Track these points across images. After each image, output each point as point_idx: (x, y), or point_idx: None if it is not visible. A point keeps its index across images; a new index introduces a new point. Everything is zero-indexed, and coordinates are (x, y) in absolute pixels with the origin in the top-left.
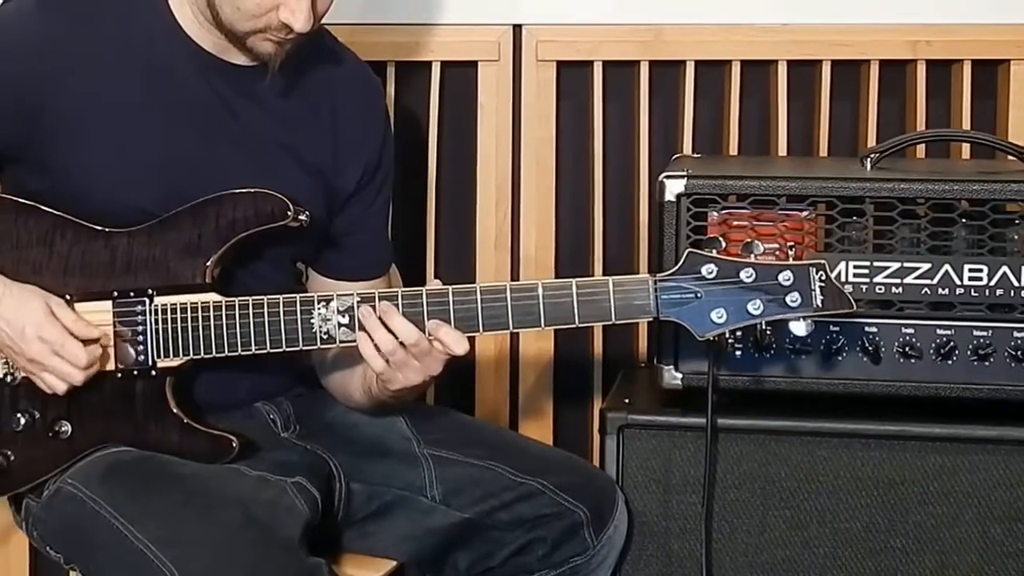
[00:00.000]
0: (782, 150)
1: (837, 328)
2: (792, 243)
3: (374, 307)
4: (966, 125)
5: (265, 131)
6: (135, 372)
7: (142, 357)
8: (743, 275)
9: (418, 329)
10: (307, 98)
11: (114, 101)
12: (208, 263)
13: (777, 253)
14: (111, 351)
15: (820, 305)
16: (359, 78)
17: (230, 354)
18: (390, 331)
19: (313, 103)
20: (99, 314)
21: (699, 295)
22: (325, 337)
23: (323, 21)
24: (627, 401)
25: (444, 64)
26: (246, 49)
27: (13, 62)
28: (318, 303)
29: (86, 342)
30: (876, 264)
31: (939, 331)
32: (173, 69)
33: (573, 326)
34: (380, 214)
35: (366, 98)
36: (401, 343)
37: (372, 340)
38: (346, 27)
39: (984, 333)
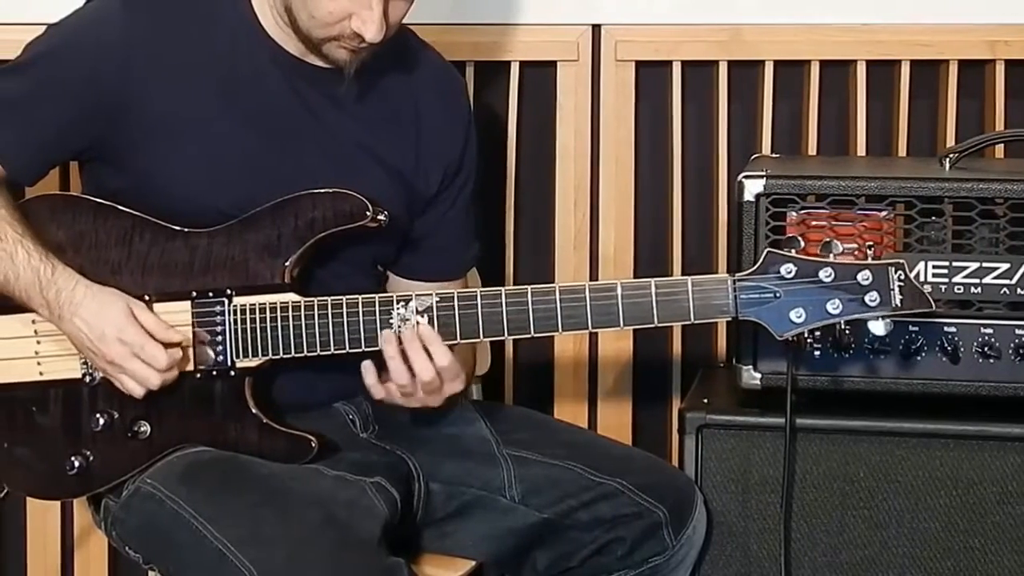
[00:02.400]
0: (861, 150)
1: (916, 328)
2: (871, 243)
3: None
4: None
5: (346, 132)
6: (214, 372)
7: (221, 357)
8: (822, 274)
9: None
10: (389, 99)
11: (196, 102)
12: (287, 263)
13: (856, 253)
14: (190, 352)
15: (899, 304)
16: (442, 79)
17: (308, 354)
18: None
19: (395, 104)
20: (178, 314)
21: (778, 295)
22: None
23: (404, 20)
24: (706, 401)
25: (523, 64)
26: (322, 55)
27: (96, 62)
28: (397, 303)
29: (166, 345)
30: (955, 264)
31: (1018, 331)
32: (255, 70)
33: (652, 326)
34: (461, 215)
35: (449, 99)
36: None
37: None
38: (425, 27)
39: None
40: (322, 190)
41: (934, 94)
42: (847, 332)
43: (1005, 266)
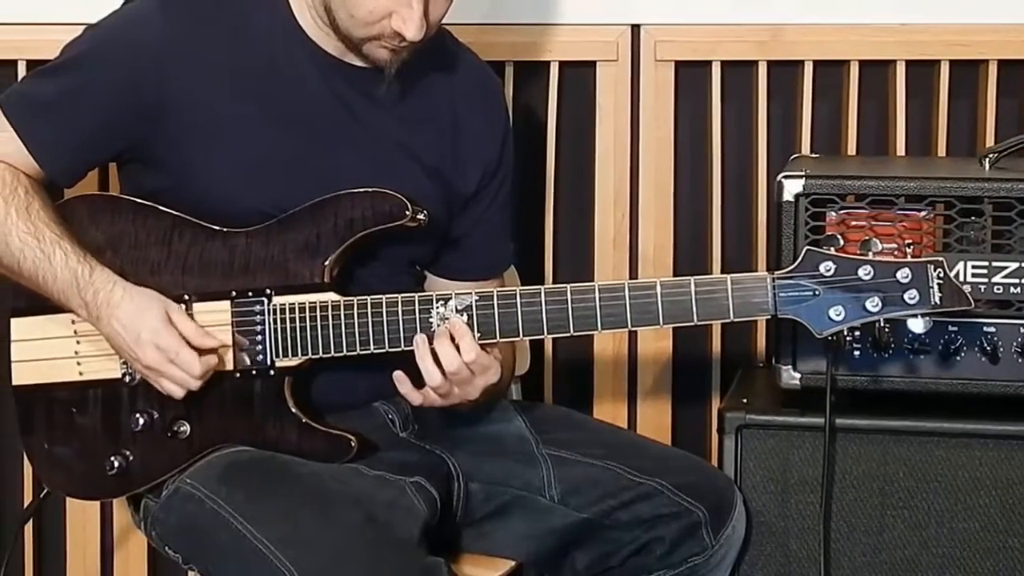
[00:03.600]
0: (900, 150)
1: (955, 328)
2: (910, 242)
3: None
4: None
5: (385, 132)
6: (254, 372)
7: (260, 357)
8: (861, 272)
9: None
10: (427, 99)
11: (234, 102)
12: (326, 262)
13: (895, 253)
14: (229, 352)
15: (938, 302)
16: (479, 79)
17: (348, 353)
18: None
19: (433, 105)
20: (217, 314)
21: (817, 292)
22: None
23: (444, 21)
24: (745, 401)
25: (562, 64)
26: (362, 55)
27: (136, 62)
28: (436, 302)
29: (202, 351)
30: (995, 264)
31: None
32: (294, 70)
33: (691, 324)
34: (499, 214)
35: (486, 99)
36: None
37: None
38: (465, 27)
39: None
40: (361, 189)
41: (973, 94)
42: (886, 331)
43: None
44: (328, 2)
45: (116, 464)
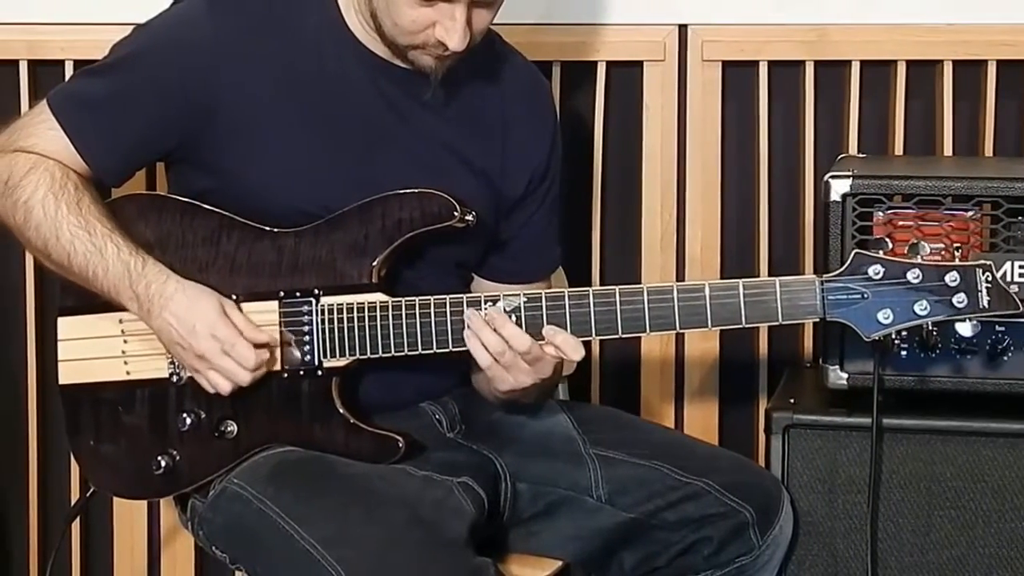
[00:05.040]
0: (947, 150)
1: (1003, 328)
2: (958, 243)
3: (479, 310)
4: None
5: (433, 134)
6: (301, 372)
7: (308, 357)
8: (910, 276)
9: (530, 337)
10: (476, 102)
11: (282, 102)
12: (374, 263)
13: (943, 253)
14: (277, 351)
15: (987, 306)
16: (528, 82)
17: (396, 354)
18: (500, 335)
19: (481, 107)
20: (265, 314)
21: (865, 295)
22: None
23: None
24: (792, 401)
25: (610, 64)
26: (408, 61)
27: (184, 62)
28: (484, 303)
29: (255, 345)
30: None
31: None
32: (342, 72)
33: (740, 327)
34: (547, 217)
35: (535, 102)
36: (511, 347)
37: (479, 339)
38: (512, 27)
39: None
40: (409, 190)
41: (1021, 94)
42: (934, 332)
43: None
44: (374, 9)
45: (163, 464)
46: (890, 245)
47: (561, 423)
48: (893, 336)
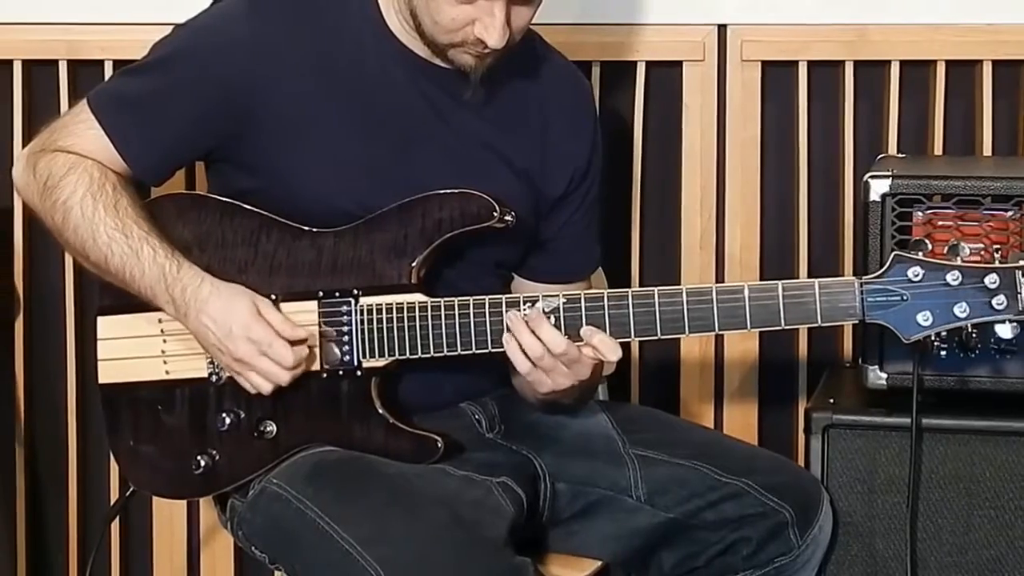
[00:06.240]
0: (987, 150)
1: None
2: (997, 244)
3: (522, 311)
4: None
5: (473, 134)
6: (340, 372)
7: (347, 357)
8: (949, 278)
9: (566, 339)
10: (516, 102)
11: (323, 102)
12: (414, 263)
13: (982, 254)
14: (316, 351)
15: None
16: (569, 82)
17: (435, 354)
18: (538, 338)
19: (522, 107)
20: (304, 314)
21: (905, 297)
22: None
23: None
24: (832, 401)
25: (649, 64)
26: (448, 60)
27: (224, 63)
28: (523, 304)
29: (293, 343)
30: None
31: None
32: (383, 72)
33: (779, 328)
34: (586, 218)
35: (576, 103)
36: (549, 351)
37: (519, 343)
38: (552, 27)
39: None
40: (449, 190)
41: None
42: (973, 334)
43: None
44: (413, 8)
45: (202, 463)
46: (929, 246)
47: (600, 423)
48: (932, 337)
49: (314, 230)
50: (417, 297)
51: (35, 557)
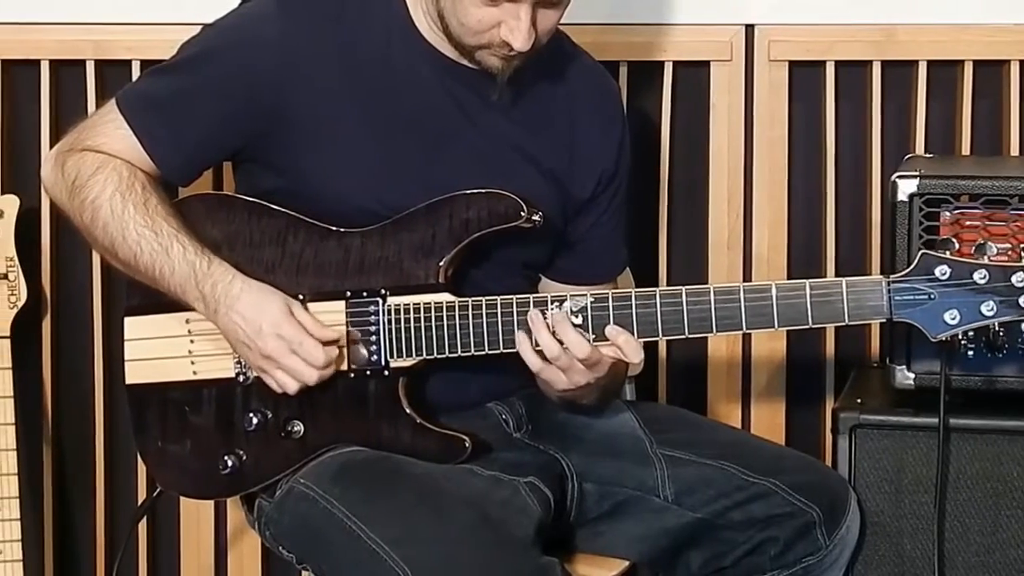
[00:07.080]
0: (1014, 150)
1: None
2: None
3: (543, 311)
4: None
5: (500, 134)
6: (368, 372)
7: (375, 357)
8: (976, 276)
9: (590, 344)
10: (544, 103)
11: (350, 102)
12: (441, 263)
13: (1009, 253)
14: (344, 351)
15: None
16: (597, 83)
17: (463, 354)
18: (559, 340)
19: (549, 108)
20: (332, 314)
21: (932, 296)
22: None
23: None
24: (859, 401)
25: (676, 64)
26: (475, 61)
27: (253, 61)
28: (552, 303)
29: (323, 343)
30: None
31: None
32: (410, 72)
33: (806, 327)
34: (614, 219)
35: (604, 104)
36: (566, 349)
37: (533, 341)
38: (579, 27)
39: None
40: (477, 190)
41: None
42: (1000, 333)
43: None
44: (441, 9)
45: (229, 464)
46: (957, 245)
47: (627, 423)
48: (960, 336)
49: (341, 230)
50: (445, 297)
51: (63, 557)
